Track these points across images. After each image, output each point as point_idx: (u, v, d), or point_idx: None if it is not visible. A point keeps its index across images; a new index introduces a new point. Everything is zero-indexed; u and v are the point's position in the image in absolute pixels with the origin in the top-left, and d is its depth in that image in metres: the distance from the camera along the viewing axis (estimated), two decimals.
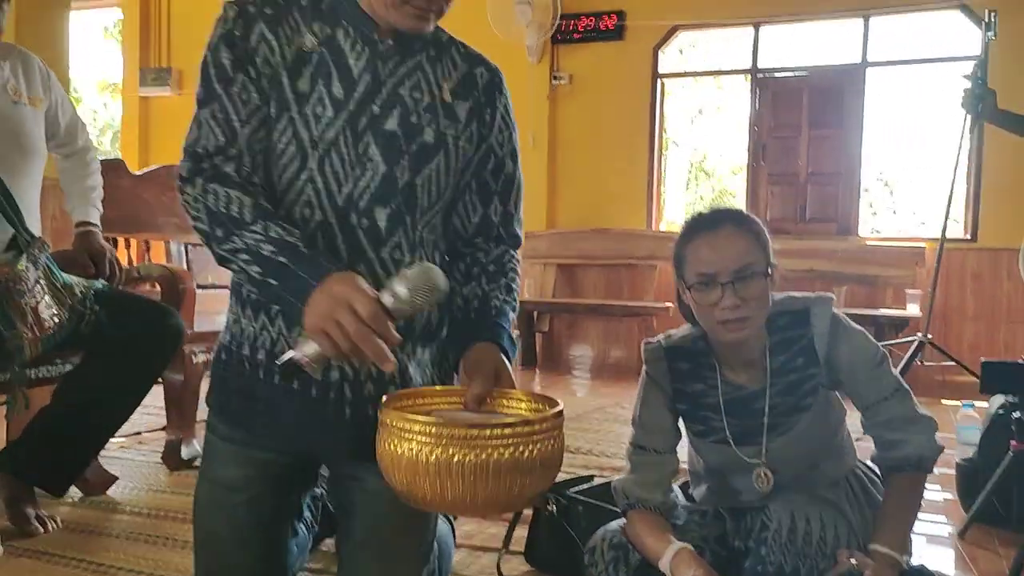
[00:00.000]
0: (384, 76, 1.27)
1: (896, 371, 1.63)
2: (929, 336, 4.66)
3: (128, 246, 3.45)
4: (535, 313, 6.70)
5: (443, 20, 1.31)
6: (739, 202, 7.08)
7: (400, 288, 1.06)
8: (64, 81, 2.82)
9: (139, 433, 3.43)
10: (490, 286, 1.34)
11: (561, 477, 1.69)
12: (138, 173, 3.43)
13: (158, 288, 2.88)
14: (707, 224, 1.56)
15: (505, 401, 1.21)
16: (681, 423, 1.72)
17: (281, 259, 1.11)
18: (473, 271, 1.36)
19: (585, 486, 2.13)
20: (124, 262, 2.56)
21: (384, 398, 1.15)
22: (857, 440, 1.75)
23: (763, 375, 1.61)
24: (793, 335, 1.60)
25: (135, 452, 3.15)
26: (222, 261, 1.18)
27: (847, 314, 1.67)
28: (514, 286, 1.37)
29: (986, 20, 4.47)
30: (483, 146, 1.35)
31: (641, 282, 6.59)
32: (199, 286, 3.03)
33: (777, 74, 6.55)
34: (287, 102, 1.24)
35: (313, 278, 1.08)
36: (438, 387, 1.28)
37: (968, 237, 5.87)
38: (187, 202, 1.20)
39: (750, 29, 6.52)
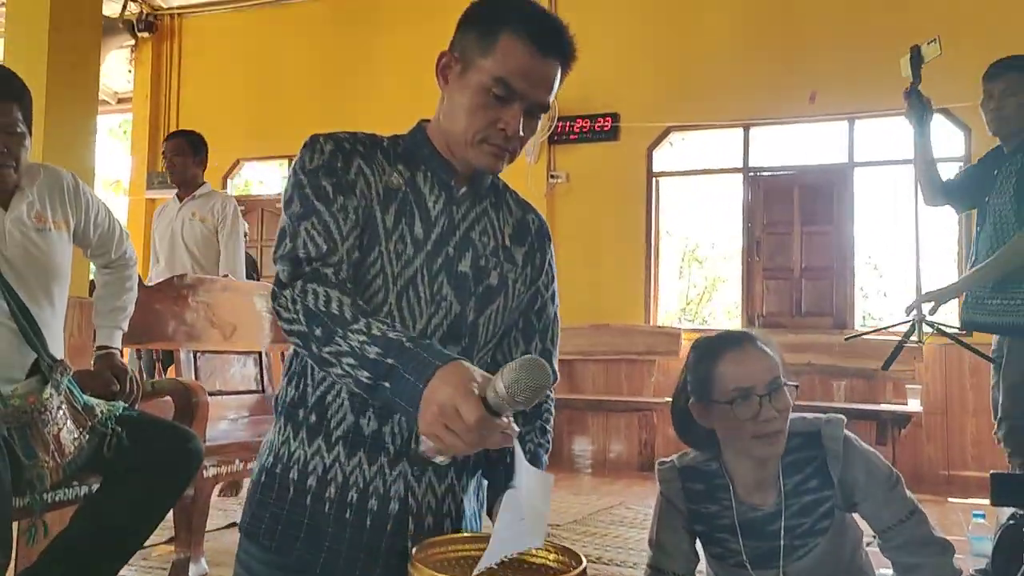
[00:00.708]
0: (458, 220, 1.34)
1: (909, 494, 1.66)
2: None
3: (139, 357, 3.48)
4: None
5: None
6: (734, 294, 7.17)
7: (501, 386, 1.03)
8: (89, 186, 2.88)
9: (144, 547, 3.39)
10: (525, 428, 1.38)
11: None
12: (149, 284, 3.49)
13: (169, 399, 2.89)
14: (731, 343, 1.63)
15: (531, 552, 1.21)
16: (699, 545, 1.74)
17: (389, 361, 1.08)
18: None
19: None
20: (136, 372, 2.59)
21: (414, 548, 1.15)
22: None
23: (778, 496, 1.62)
24: (806, 456, 1.63)
25: (138, 570, 3.11)
26: (323, 364, 1.15)
27: (848, 409, 1.71)
28: (548, 427, 1.42)
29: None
30: (533, 288, 1.42)
31: (640, 377, 6.62)
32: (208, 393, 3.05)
33: (768, 173, 6.73)
34: (378, 234, 1.28)
35: (420, 380, 1.06)
36: (467, 533, 1.29)
37: (964, 332, 5.93)
38: (282, 306, 1.18)
39: (740, 130, 6.73)
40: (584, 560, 1.15)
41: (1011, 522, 2.54)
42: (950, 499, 4.81)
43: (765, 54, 6.38)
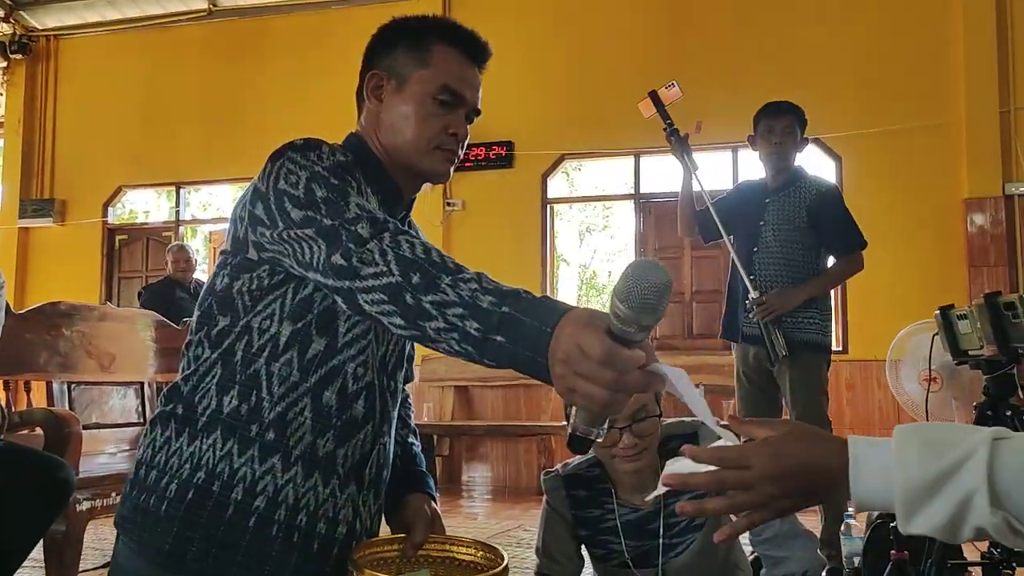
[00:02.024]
0: None
1: None
2: None
3: (8, 388, 3.30)
4: (435, 437, 6.65)
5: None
6: None
7: (618, 304, 0.87)
8: None
9: None
10: (404, 431, 1.40)
11: None
12: (21, 312, 3.32)
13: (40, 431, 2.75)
14: None
15: (452, 548, 1.28)
16: (585, 550, 1.77)
17: (505, 309, 0.94)
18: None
19: None
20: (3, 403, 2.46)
21: (355, 549, 1.19)
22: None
23: (656, 497, 1.68)
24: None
25: None
26: (417, 317, 0.99)
27: None
28: (413, 425, 1.47)
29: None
30: None
31: (538, 401, 6.66)
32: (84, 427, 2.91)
33: (658, 199, 6.94)
34: None
35: (547, 325, 0.90)
36: (391, 535, 1.30)
37: (840, 349, 6.23)
38: (366, 261, 1.03)
39: (631, 158, 6.93)
40: (506, 557, 1.20)
41: (879, 521, 2.67)
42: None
43: (655, 84, 6.59)
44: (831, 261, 3.47)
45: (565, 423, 2.99)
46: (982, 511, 0.71)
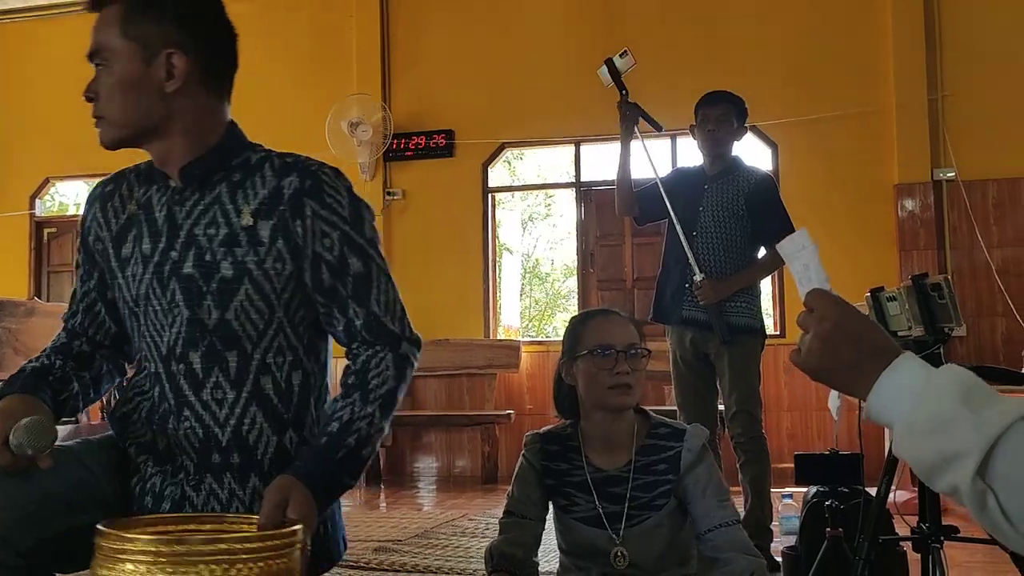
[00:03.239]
0: (181, 219, 1.31)
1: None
2: None
3: None
4: None
5: (288, 141, 1.39)
6: (571, 307, 7.38)
7: (12, 438, 1.19)
8: None
9: None
10: (334, 406, 1.34)
11: None
12: None
13: None
14: (601, 312, 1.90)
15: (246, 527, 1.19)
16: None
17: None
18: (344, 386, 1.36)
19: None
20: None
21: (103, 523, 1.10)
22: None
23: (627, 464, 1.79)
24: (665, 445, 1.80)
25: None
26: None
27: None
28: (377, 392, 1.34)
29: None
30: (302, 258, 1.32)
31: (481, 391, 6.67)
32: None
33: (598, 187, 6.98)
34: (113, 270, 1.35)
35: None
36: (177, 515, 1.26)
37: (778, 333, 6.36)
38: None
39: (572, 147, 6.96)
40: (298, 526, 1.13)
41: (815, 499, 2.74)
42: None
43: (592, 71, 6.59)
44: (763, 252, 3.53)
45: (510, 412, 2.96)
46: (966, 473, 0.72)
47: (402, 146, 6.92)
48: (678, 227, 3.43)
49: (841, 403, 3.31)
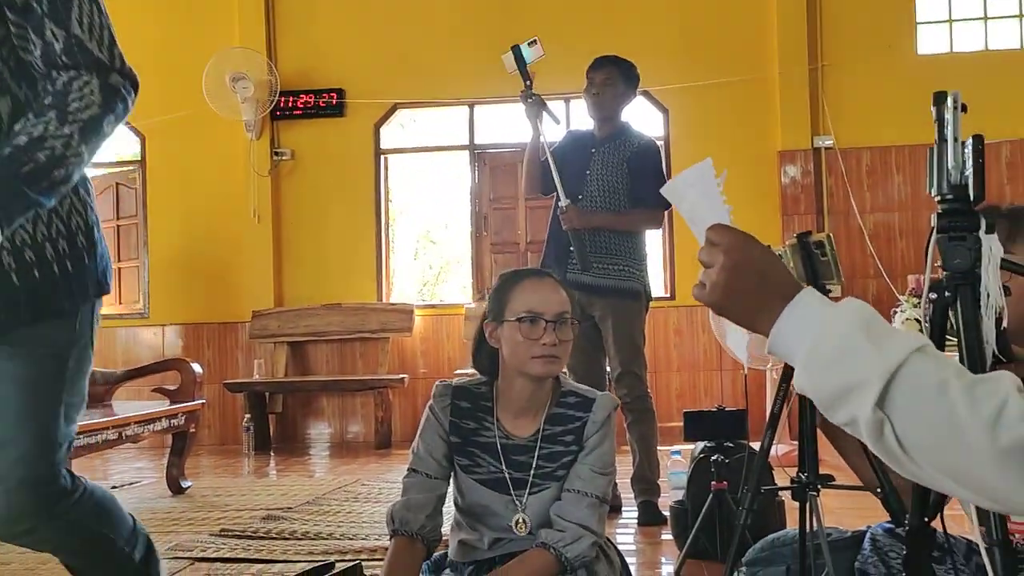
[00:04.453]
0: None
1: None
2: None
3: None
4: (267, 394, 6.44)
5: (163, 96, 1.29)
6: (465, 271, 7.35)
7: None
8: None
9: None
10: (24, 124, 1.25)
11: (299, 568, 1.63)
12: None
13: None
14: (534, 273, 1.81)
15: None
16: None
17: None
18: (38, 107, 1.27)
19: (327, 575, 2.06)
20: None
21: None
22: None
23: (535, 433, 1.77)
24: (573, 415, 1.78)
25: None
26: None
27: None
28: (78, 116, 1.26)
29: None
30: None
31: (375, 355, 6.58)
32: None
33: (492, 150, 6.94)
34: None
35: None
36: None
37: (668, 295, 6.52)
38: None
39: (466, 108, 6.88)
40: None
41: (701, 455, 2.82)
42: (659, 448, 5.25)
43: (487, 33, 6.54)
44: None
45: (403, 376, 2.93)
46: (865, 403, 0.73)
47: (290, 104, 6.68)
48: (560, 195, 3.44)
49: (749, 351, 3.40)
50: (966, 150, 1.08)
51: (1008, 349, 1.12)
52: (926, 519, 1.18)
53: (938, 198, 1.08)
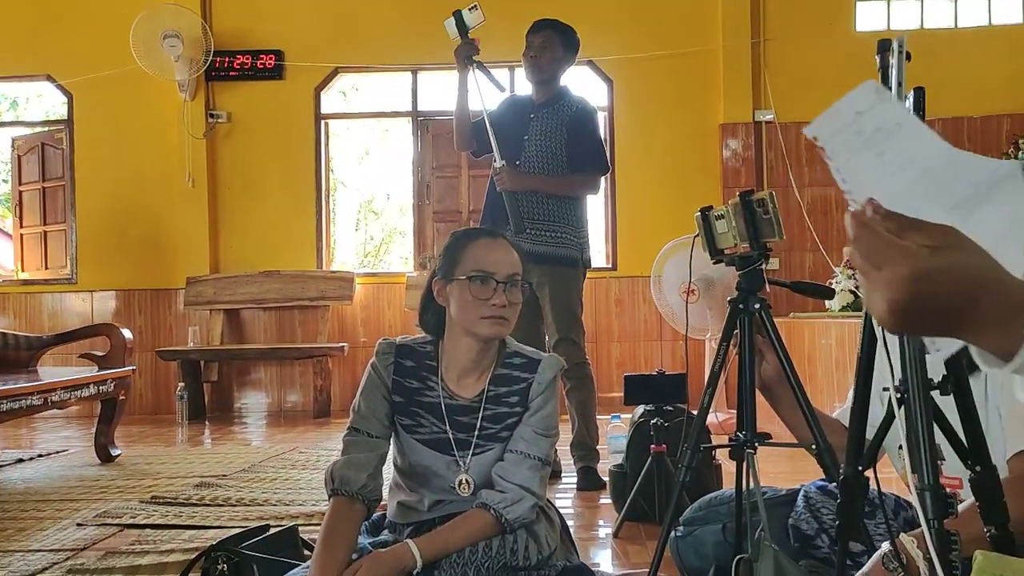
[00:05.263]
0: None
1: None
2: None
3: None
4: (202, 363, 6.30)
5: (92, 52, 1.21)
6: (407, 242, 7.28)
7: None
8: None
9: None
10: None
11: (232, 531, 1.59)
12: None
13: None
14: (487, 232, 1.78)
15: None
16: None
17: None
18: None
19: (260, 537, 2.01)
20: None
21: None
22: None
23: (480, 394, 1.75)
24: (519, 376, 1.77)
25: None
26: None
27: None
28: None
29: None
30: None
31: (314, 323, 6.48)
32: None
33: (436, 117, 6.85)
34: None
35: None
36: None
37: (610, 266, 6.54)
38: None
39: (409, 74, 6.76)
40: None
41: (641, 419, 2.84)
42: (597, 417, 5.29)
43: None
44: None
45: (343, 345, 2.88)
46: None
47: (226, 65, 6.47)
48: (497, 160, 3.43)
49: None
50: (908, 102, 1.07)
51: None
52: (860, 468, 1.19)
53: None
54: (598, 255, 6.70)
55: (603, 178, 3.64)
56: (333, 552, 1.61)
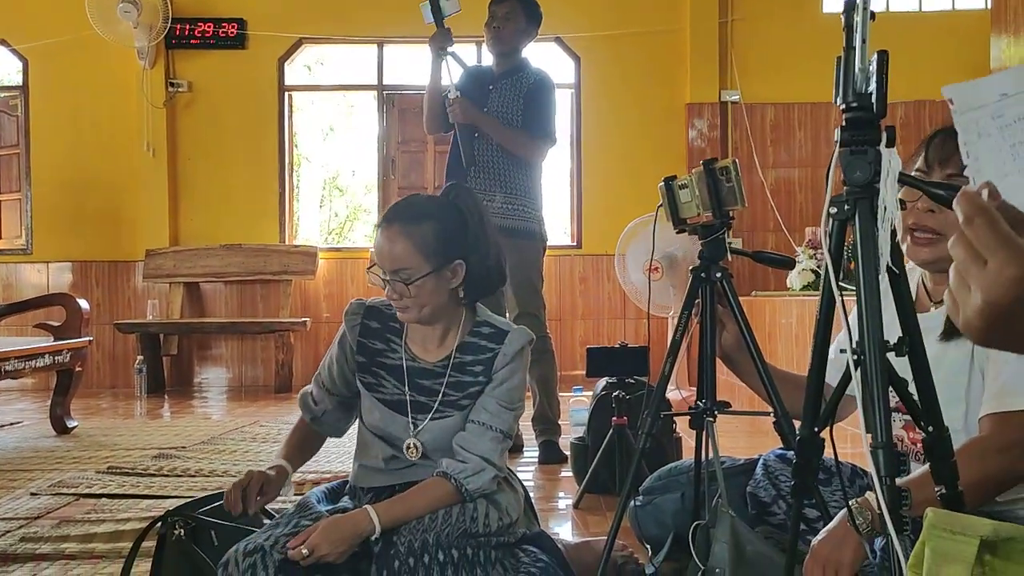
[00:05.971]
0: None
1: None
2: None
3: None
4: (161, 336, 6.21)
5: (47, 16, 1.17)
6: (372, 218, 7.22)
7: None
8: None
9: None
10: None
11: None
12: None
13: None
14: (386, 218, 1.70)
15: None
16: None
17: None
18: None
19: (218, 503, 1.99)
20: None
21: None
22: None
23: (445, 359, 1.74)
24: (486, 346, 1.75)
25: None
26: None
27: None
28: None
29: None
30: None
31: (276, 298, 6.42)
32: None
33: (402, 91, 6.78)
34: None
35: None
36: None
37: (574, 244, 6.55)
38: None
39: (375, 47, 6.68)
40: None
41: (603, 392, 2.85)
42: (560, 394, 5.31)
43: None
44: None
45: (305, 320, 2.85)
46: None
47: (187, 33, 6.34)
48: (457, 132, 3.46)
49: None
50: (871, 66, 1.08)
51: (901, 260, 1.14)
52: (816, 429, 1.21)
53: (843, 106, 1.08)
54: (563, 234, 6.71)
55: (549, 150, 3.61)
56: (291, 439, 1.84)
